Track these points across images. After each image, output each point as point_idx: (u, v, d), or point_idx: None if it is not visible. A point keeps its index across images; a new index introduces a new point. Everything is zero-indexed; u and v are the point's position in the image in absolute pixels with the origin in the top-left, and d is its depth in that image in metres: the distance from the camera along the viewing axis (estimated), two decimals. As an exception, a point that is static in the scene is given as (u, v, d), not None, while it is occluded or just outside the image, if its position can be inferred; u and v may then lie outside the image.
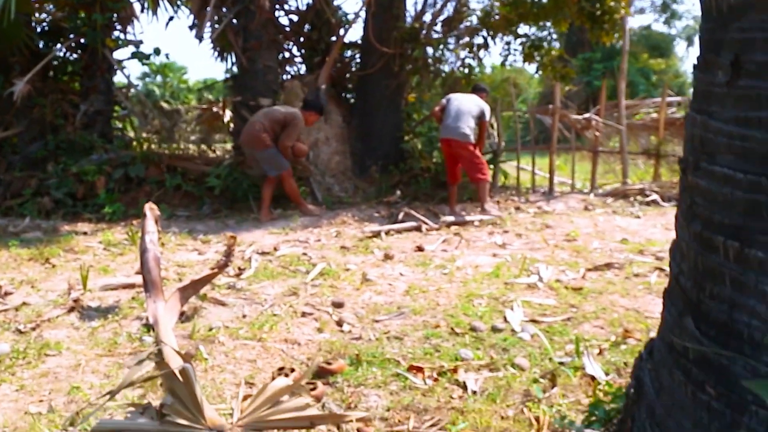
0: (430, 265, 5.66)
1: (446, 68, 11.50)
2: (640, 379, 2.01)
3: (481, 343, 3.73)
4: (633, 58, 26.96)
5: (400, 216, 7.86)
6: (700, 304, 1.75)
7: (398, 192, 9.23)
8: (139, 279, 4.63)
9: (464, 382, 3.18)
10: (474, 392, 3.07)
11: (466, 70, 11.37)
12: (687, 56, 37.54)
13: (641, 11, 35.28)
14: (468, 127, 8.01)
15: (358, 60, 10.87)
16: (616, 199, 9.46)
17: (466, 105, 8.13)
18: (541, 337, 3.67)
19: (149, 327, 3.99)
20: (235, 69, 10.25)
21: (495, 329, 3.94)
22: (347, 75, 10.98)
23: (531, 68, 13.83)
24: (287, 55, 10.89)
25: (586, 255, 6.02)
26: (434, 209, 8.49)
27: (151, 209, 4.52)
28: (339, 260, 5.88)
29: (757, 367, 1.59)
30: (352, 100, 10.83)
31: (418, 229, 7.30)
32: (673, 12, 35.09)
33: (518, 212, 8.53)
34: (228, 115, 10.82)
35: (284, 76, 10.57)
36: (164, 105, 12.08)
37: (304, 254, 6.14)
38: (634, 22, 35.38)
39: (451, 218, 7.73)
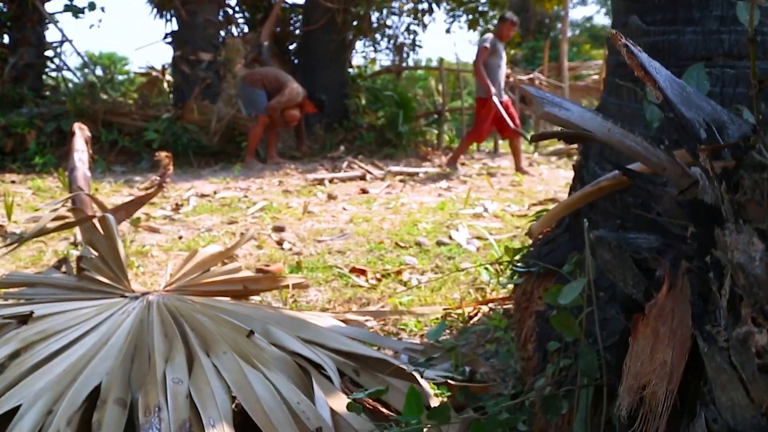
0: (374, 203, 5.54)
1: (391, 32, 11.44)
2: (585, 152, 1.89)
3: (426, 254, 3.63)
4: (576, 47, 27.28)
5: (344, 165, 7.75)
6: None
7: (342, 148, 9.08)
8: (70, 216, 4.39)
9: (408, 281, 3.08)
10: (419, 286, 2.97)
11: (411, 37, 11.31)
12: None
13: (583, 2, 35.74)
14: (479, 80, 7.59)
15: (301, 17, 10.64)
16: (560, 158, 9.50)
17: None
18: (490, 240, 3.57)
19: (77, 245, 3.77)
20: (174, 25, 9.91)
21: (440, 243, 3.85)
22: (290, 33, 10.75)
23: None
24: (230, 12, 10.61)
25: (530, 195, 5.99)
26: (378, 163, 8.36)
27: (80, 128, 4.28)
28: (281, 201, 5.71)
29: (705, 23, 1.55)
30: (296, 60, 10.61)
31: (362, 178, 7.17)
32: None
33: (463, 167, 8.47)
34: (168, 79, 10.51)
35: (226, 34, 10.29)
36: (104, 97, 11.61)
37: (245, 197, 5.95)
38: (576, 14, 35.84)
39: (397, 168, 7.66)
